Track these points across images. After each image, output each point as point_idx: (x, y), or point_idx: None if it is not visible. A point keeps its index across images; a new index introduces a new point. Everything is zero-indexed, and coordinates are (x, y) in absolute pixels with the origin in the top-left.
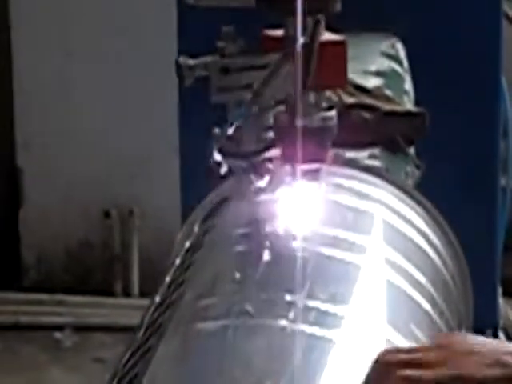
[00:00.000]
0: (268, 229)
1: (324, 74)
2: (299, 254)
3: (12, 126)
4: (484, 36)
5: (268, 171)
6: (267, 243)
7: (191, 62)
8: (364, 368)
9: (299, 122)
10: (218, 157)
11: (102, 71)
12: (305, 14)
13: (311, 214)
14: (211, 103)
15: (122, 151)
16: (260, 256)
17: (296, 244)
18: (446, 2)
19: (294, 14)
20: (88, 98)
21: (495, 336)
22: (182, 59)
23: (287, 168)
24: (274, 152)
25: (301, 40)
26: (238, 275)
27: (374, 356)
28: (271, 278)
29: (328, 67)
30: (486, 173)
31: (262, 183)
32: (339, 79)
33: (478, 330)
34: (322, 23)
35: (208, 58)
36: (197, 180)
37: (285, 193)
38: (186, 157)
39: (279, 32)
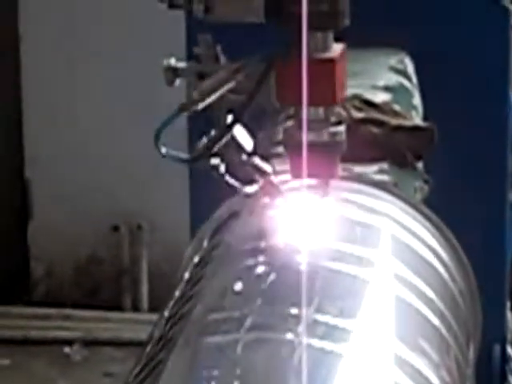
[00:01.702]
0: (277, 243)
1: (315, 91)
2: (308, 269)
3: (21, 139)
4: (492, 50)
5: (278, 185)
6: (276, 258)
7: (178, 64)
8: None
9: (307, 137)
10: (215, 161)
11: (110, 86)
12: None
13: (320, 228)
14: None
15: (131, 165)
16: (269, 270)
17: (304, 258)
18: (454, 17)
19: (302, 29)
20: (97, 112)
21: (503, 350)
22: (168, 61)
23: (296, 183)
24: (284, 166)
25: (304, 54)
26: (247, 290)
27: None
28: (280, 293)
29: (318, 84)
30: (495, 188)
31: (271, 198)
32: (336, 96)
33: (487, 344)
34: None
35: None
36: (206, 194)
37: (293, 207)
38: (196, 171)
39: None
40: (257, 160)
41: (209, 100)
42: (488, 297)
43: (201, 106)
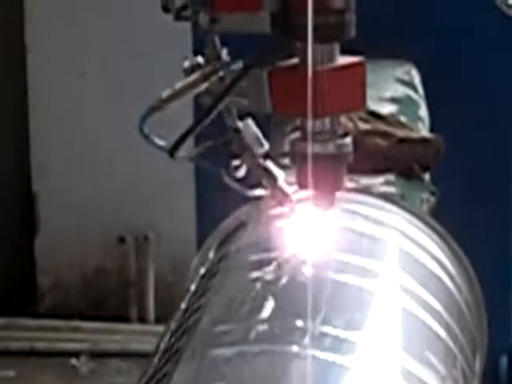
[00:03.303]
0: (283, 255)
1: (341, 98)
2: (314, 281)
3: (28, 151)
4: (499, 61)
5: (288, 193)
6: (283, 270)
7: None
8: None
9: (314, 149)
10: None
11: (117, 100)
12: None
13: (326, 240)
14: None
15: (137, 177)
16: (275, 282)
17: (311, 270)
18: (461, 30)
19: (308, 40)
20: (104, 125)
21: (510, 362)
22: (191, 58)
23: (302, 194)
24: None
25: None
26: (253, 302)
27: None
28: (286, 305)
29: (345, 90)
30: (501, 200)
31: (278, 210)
32: (358, 102)
33: (493, 355)
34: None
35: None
36: (212, 205)
37: (300, 219)
38: (202, 183)
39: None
40: (269, 164)
41: (177, 101)
42: (494, 308)
43: (170, 106)
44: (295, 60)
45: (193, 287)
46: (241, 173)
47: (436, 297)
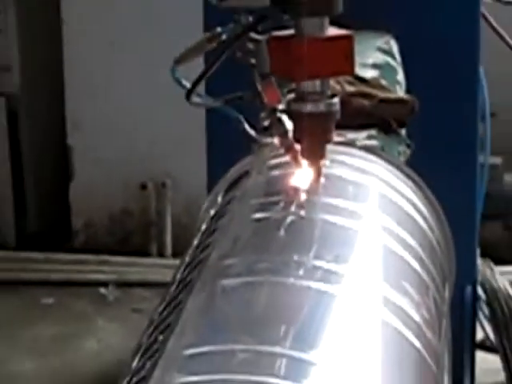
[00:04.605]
0: (281, 199)
1: (330, 64)
2: (307, 221)
3: (63, 109)
4: (465, 34)
5: (293, 142)
6: (280, 212)
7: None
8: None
9: (307, 108)
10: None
11: (143, 66)
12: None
13: (318, 186)
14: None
15: (158, 133)
16: (274, 222)
17: (304, 212)
18: (433, 5)
19: (302, 15)
20: (131, 88)
21: (474, 290)
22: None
23: (298, 147)
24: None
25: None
26: (255, 239)
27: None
28: (284, 242)
29: (334, 58)
30: (467, 151)
31: (276, 160)
32: (346, 68)
33: (460, 285)
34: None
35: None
36: (221, 156)
37: (295, 168)
38: (212, 137)
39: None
40: (284, 117)
41: (191, 58)
42: (461, 245)
43: (184, 61)
44: (290, 30)
45: (203, 227)
46: (265, 123)
47: (411, 235)
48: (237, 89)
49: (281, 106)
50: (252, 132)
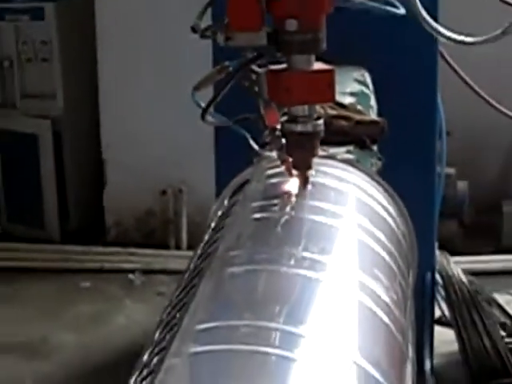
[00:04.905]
0: (276, 202)
1: (318, 92)
2: (297, 220)
3: (98, 130)
4: (425, 68)
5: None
6: (276, 212)
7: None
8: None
9: (297, 128)
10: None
11: (162, 92)
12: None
13: (306, 191)
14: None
15: (175, 148)
16: (271, 221)
17: (295, 213)
18: (399, 45)
19: (293, 53)
20: (152, 111)
21: (433, 276)
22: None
23: (290, 159)
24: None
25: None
26: (255, 235)
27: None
28: (278, 236)
29: (318, 88)
30: (427, 163)
31: (272, 171)
32: (328, 96)
33: (421, 272)
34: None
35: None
36: (226, 168)
37: (287, 177)
38: (220, 151)
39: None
40: (277, 133)
41: (206, 85)
42: (422, 239)
43: (201, 88)
44: (283, 65)
45: (213, 224)
46: (266, 140)
47: (381, 231)
48: (239, 108)
49: (279, 126)
50: (256, 146)
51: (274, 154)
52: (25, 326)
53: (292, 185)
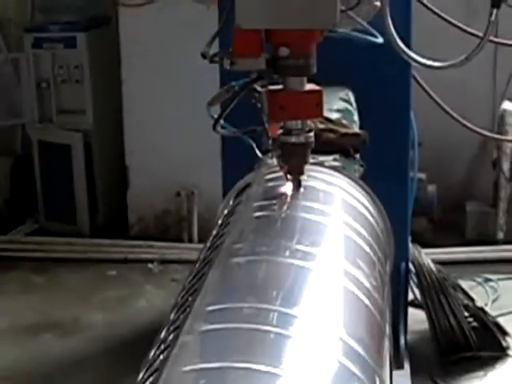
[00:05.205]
0: (273, 203)
1: (308, 109)
2: (291, 217)
3: (122, 140)
4: (400, 88)
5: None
6: (273, 211)
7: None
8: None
9: (291, 139)
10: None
11: (177, 108)
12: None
13: (298, 193)
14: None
15: (188, 156)
16: (269, 218)
17: (289, 211)
18: (377, 70)
19: (288, 75)
20: (169, 123)
21: (407, 265)
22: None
23: (286, 166)
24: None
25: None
26: (256, 230)
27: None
28: (275, 232)
29: (308, 105)
30: (401, 169)
31: (270, 175)
32: (316, 113)
33: (397, 262)
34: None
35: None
36: (231, 173)
37: (283, 181)
38: (226, 159)
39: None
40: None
41: (217, 102)
42: (397, 233)
43: (213, 104)
44: (280, 85)
45: (220, 221)
46: (268, 148)
47: (363, 227)
48: (246, 121)
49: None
50: (259, 154)
51: (275, 160)
52: (59, 308)
53: (287, 187)
